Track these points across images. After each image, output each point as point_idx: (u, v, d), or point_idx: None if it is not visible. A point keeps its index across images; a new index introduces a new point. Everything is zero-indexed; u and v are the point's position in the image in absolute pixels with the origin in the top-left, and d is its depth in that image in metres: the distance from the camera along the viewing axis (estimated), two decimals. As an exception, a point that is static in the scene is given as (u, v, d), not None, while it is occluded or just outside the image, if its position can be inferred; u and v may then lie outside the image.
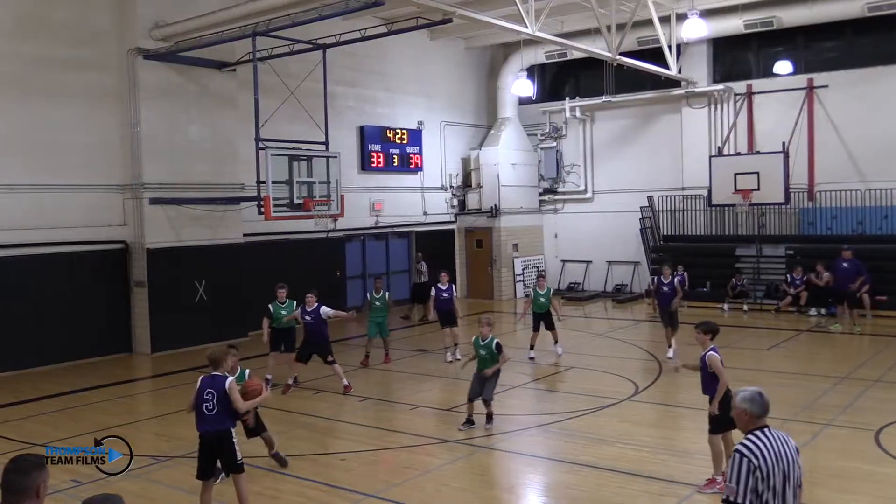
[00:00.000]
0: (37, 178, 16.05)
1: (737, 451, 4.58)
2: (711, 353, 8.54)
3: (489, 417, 10.97)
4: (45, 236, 16.15)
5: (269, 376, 13.93)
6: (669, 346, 15.53)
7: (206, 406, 7.50)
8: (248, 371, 9.20)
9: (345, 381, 13.30)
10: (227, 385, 7.49)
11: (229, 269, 18.51)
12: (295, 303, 13.85)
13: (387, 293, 15.94)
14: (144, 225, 17.34)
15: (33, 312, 15.88)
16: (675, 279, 16.06)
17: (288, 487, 8.84)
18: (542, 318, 15.77)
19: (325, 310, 13.46)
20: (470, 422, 10.95)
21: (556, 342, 15.96)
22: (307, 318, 13.47)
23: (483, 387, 10.93)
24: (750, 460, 4.49)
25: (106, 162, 17.21)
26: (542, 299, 15.73)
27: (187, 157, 17.88)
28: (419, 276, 21.57)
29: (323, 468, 9.55)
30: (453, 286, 16.53)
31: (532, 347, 15.75)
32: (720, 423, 8.19)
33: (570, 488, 8.84)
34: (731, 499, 4.51)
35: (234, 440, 7.65)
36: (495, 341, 11.03)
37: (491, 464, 9.72)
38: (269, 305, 13.91)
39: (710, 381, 8.51)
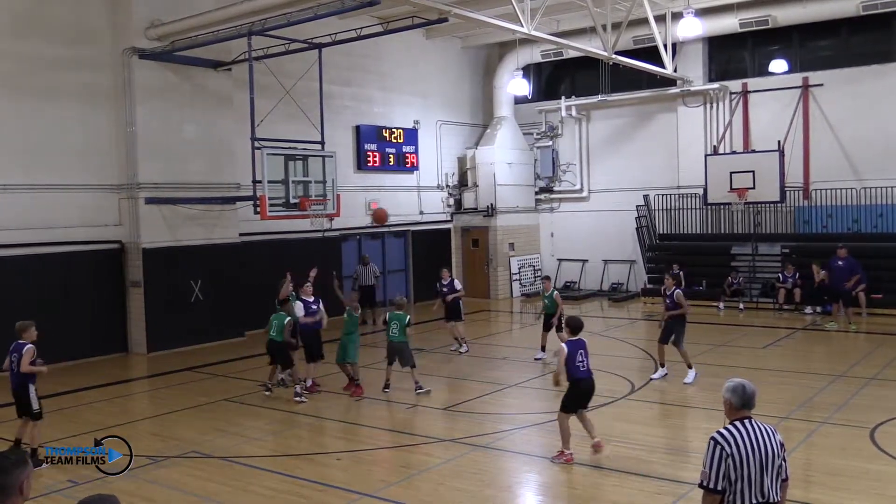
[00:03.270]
0: (32, 177, 16.03)
1: (712, 438, 4.82)
2: (562, 345, 9.60)
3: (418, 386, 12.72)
4: (40, 236, 16.12)
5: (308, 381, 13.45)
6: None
7: (12, 365, 9.65)
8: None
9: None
10: (24, 350, 9.53)
11: (225, 269, 18.49)
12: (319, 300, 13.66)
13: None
14: (140, 225, 17.32)
15: (29, 313, 15.63)
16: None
17: (284, 487, 8.83)
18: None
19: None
20: (387, 386, 12.95)
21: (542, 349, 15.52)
22: (314, 307, 13.41)
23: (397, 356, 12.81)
24: (723, 448, 4.75)
25: (101, 162, 17.19)
26: (546, 301, 15.81)
27: (183, 156, 17.86)
28: (368, 279, 20.56)
29: (320, 467, 9.55)
30: (455, 281, 17.22)
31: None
32: (565, 404, 9.55)
33: (566, 487, 8.85)
34: (704, 483, 4.79)
35: (31, 393, 9.62)
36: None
37: (487, 463, 9.72)
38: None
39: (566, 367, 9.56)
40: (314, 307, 13.39)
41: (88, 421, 11.90)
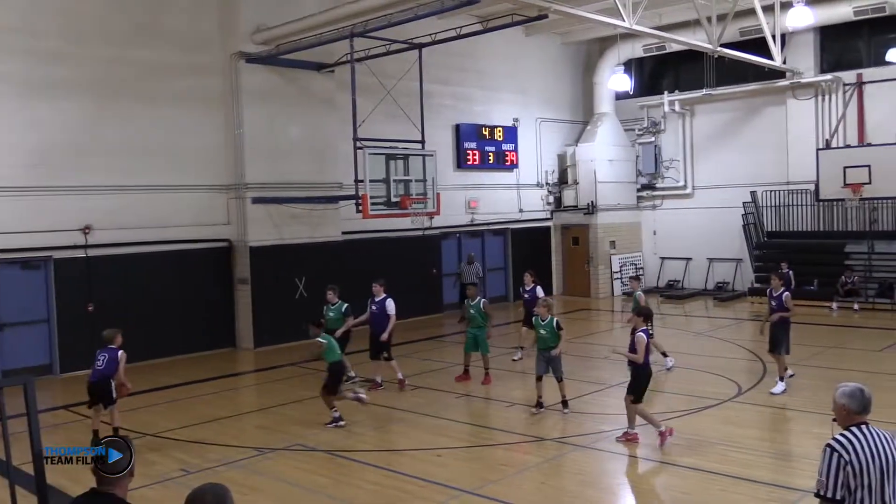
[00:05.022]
0: (149, 179, 16.75)
1: (828, 445, 4.62)
2: (640, 333, 9.90)
3: (564, 403, 11.62)
4: (156, 235, 16.83)
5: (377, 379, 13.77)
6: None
7: (98, 363, 10.63)
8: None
9: (399, 375, 13.59)
10: (118, 355, 10.62)
11: (328, 267, 18.84)
12: (346, 305, 13.82)
13: (482, 300, 14.14)
14: (247, 224, 17.87)
15: (144, 308, 16.52)
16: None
17: (387, 482, 8.95)
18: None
19: (390, 304, 13.53)
20: (539, 405, 11.65)
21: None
22: (373, 307, 13.60)
23: (548, 366, 11.55)
24: (840, 455, 4.54)
25: (211, 163, 17.82)
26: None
27: (288, 157, 18.33)
28: (471, 277, 20.33)
29: (420, 463, 9.63)
30: (538, 287, 15.75)
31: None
32: (640, 393, 10.01)
33: (672, 490, 8.66)
34: (822, 492, 4.59)
35: (112, 385, 10.67)
36: (555, 321, 11.57)
37: (589, 463, 9.61)
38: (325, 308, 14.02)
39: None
40: (373, 308, 13.66)
41: (200, 413, 12.34)
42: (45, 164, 15.37)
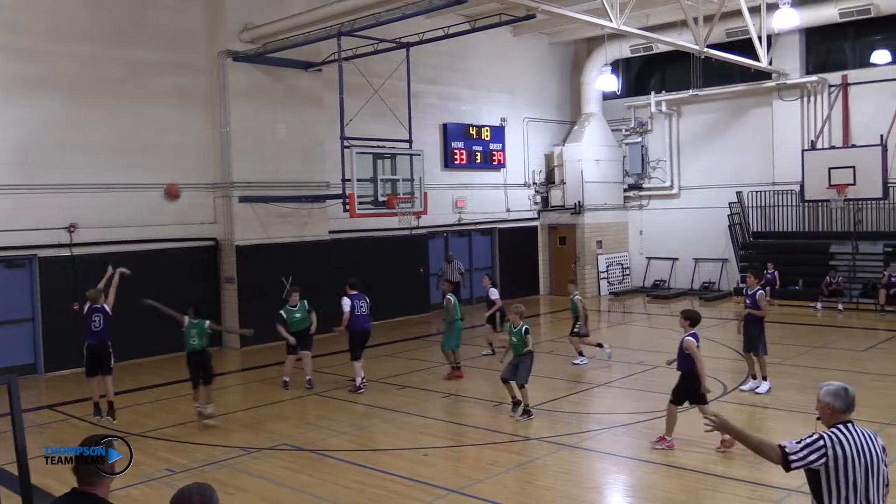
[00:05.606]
0: (133, 177, 16.65)
1: (821, 435, 4.66)
2: (688, 337, 9.78)
3: (516, 405, 11.44)
4: (142, 234, 16.75)
5: (286, 378, 13.68)
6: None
7: (94, 325, 11.26)
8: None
9: (357, 380, 13.37)
10: (108, 310, 11.37)
11: (315, 266, 18.82)
12: (306, 300, 13.73)
13: (446, 298, 14.40)
14: (234, 223, 17.81)
15: (128, 308, 16.41)
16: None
17: (373, 481, 8.94)
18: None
19: (344, 302, 13.63)
20: (516, 404, 11.48)
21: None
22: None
23: (515, 371, 11.35)
24: (825, 447, 4.57)
25: (197, 161, 17.75)
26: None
27: (275, 156, 18.29)
28: (453, 275, 20.44)
29: (406, 462, 9.63)
30: (493, 289, 16.17)
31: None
32: (680, 396, 9.88)
33: (657, 489, 8.69)
34: (787, 450, 4.60)
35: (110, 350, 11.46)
36: (524, 328, 11.43)
37: (576, 462, 9.63)
38: (282, 311, 13.72)
39: (683, 359, 9.82)
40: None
41: (184, 412, 12.27)
42: (29, 162, 15.27)
